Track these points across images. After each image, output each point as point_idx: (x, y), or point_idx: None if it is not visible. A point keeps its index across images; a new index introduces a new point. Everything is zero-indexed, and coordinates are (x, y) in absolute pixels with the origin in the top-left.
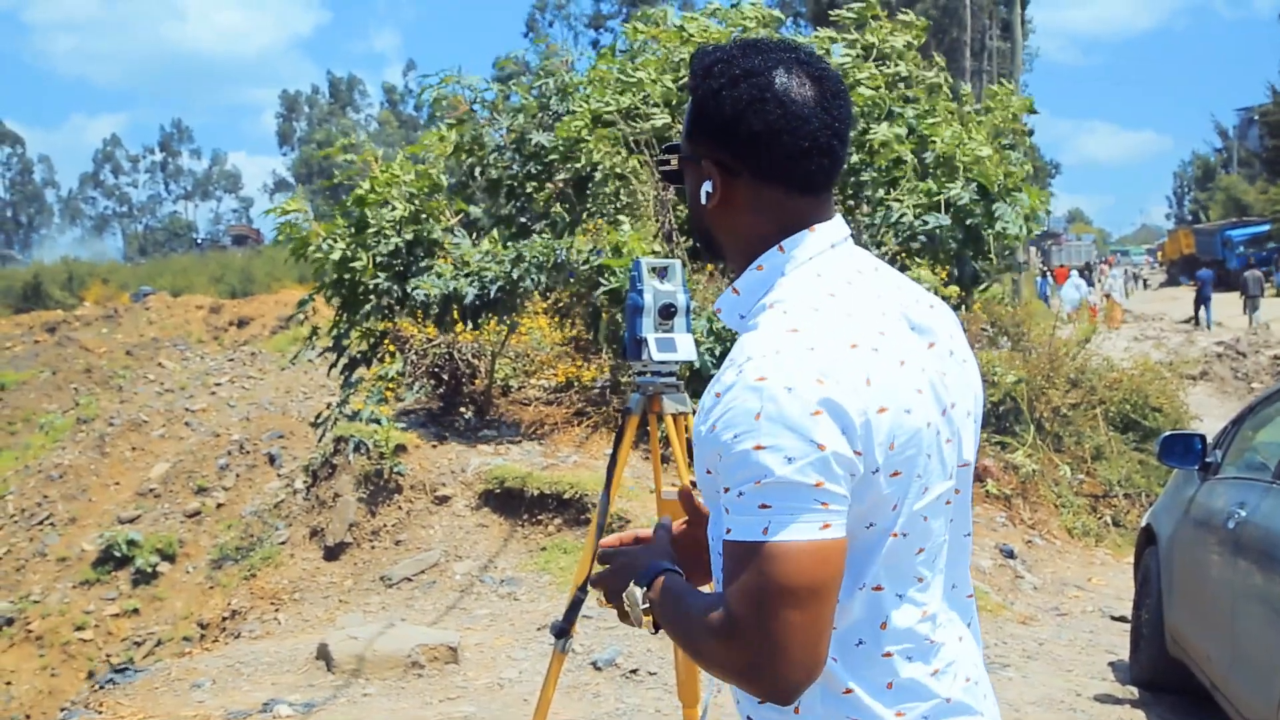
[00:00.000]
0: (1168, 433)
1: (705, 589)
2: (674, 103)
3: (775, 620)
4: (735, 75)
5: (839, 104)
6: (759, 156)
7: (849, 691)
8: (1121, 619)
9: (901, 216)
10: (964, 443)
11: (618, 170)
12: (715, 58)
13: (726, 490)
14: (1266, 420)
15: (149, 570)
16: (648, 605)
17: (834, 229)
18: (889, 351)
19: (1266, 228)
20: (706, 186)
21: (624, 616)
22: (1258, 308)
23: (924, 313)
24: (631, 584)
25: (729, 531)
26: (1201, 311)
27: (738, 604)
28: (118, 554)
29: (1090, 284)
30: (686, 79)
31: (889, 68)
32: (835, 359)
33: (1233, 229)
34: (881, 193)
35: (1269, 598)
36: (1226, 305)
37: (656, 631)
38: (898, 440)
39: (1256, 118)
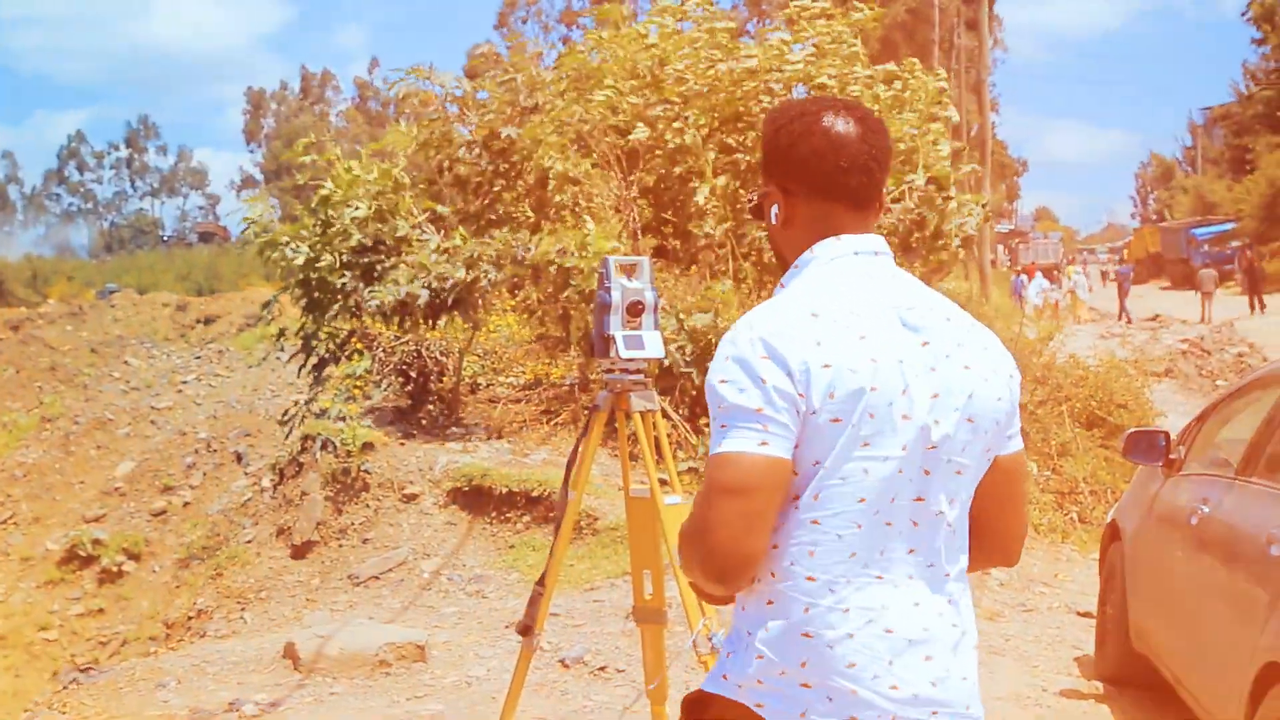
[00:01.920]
0: (1132, 429)
1: None
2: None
3: (712, 509)
4: (793, 116)
5: (876, 137)
6: (809, 174)
7: (770, 604)
8: (1087, 614)
9: None
10: (938, 430)
11: (571, 174)
12: (782, 108)
13: (711, 422)
14: (1230, 417)
15: (114, 569)
16: None
17: (861, 241)
18: (852, 327)
19: (1230, 226)
20: (775, 208)
21: None
22: (1211, 304)
23: (924, 317)
24: None
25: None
26: (1126, 303)
27: (696, 500)
28: (83, 553)
29: (1054, 283)
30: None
31: (841, 64)
32: (792, 321)
33: (1197, 227)
34: None
35: (1231, 593)
36: (1187, 304)
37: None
38: (837, 392)
39: (1219, 117)
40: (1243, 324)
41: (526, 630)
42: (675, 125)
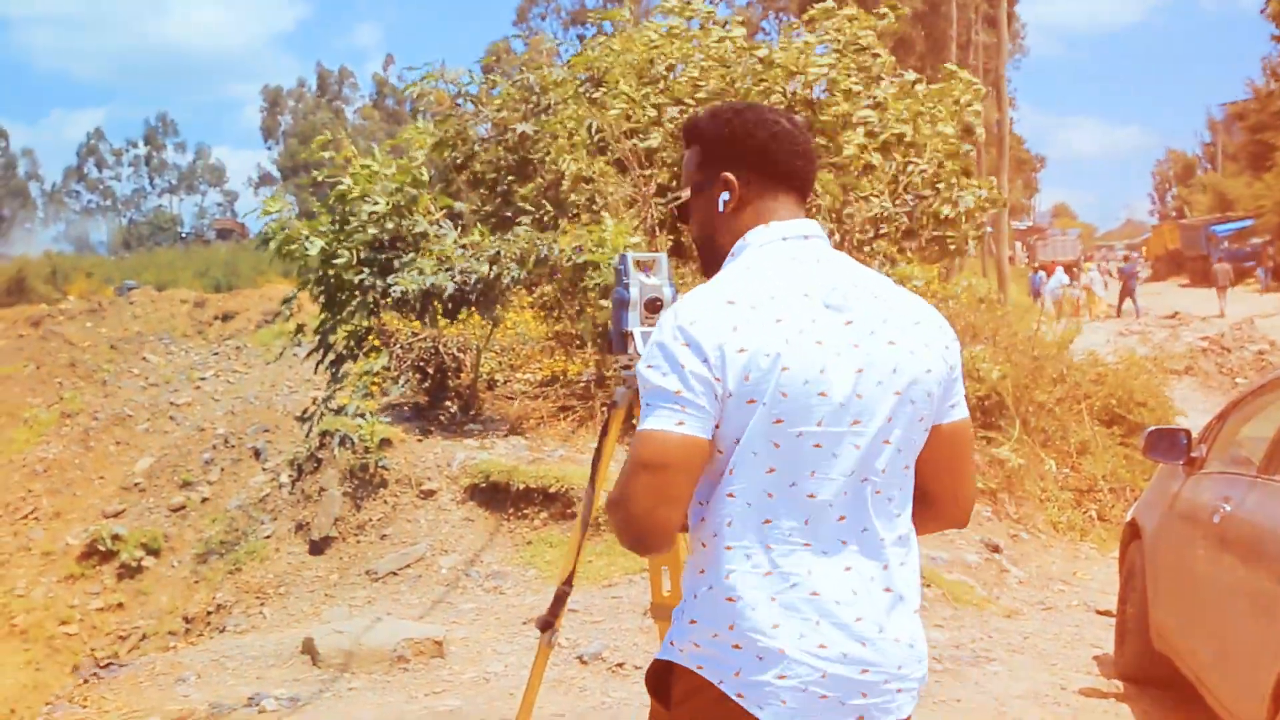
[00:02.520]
0: (1153, 428)
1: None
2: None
3: (630, 481)
4: (736, 110)
5: (804, 131)
6: (765, 159)
7: (702, 572)
8: (1106, 613)
9: (880, 209)
10: (859, 404)
11: (584, 174)
12: (712, 110)
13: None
14: (1252, 415)
15: (134, 564)
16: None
17: (790, 226)
18: (768, 312)
19: (1250, 223)
20: (725, 195)
21: None
22: (1226, 297)
23: (847, 296)
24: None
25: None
26: (1127, 303)
27: (620, 472)
28: (102, 548)
29: (1074, 280)
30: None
31: (863, 59)
32: (708, 309)
33: (1217, 224)
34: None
35: (1254, 592)
36: (1206, 301)
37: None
38: (752, 374)
39: (1238, 114)
40: (1263, 321)
41: (547, 626)
42: None
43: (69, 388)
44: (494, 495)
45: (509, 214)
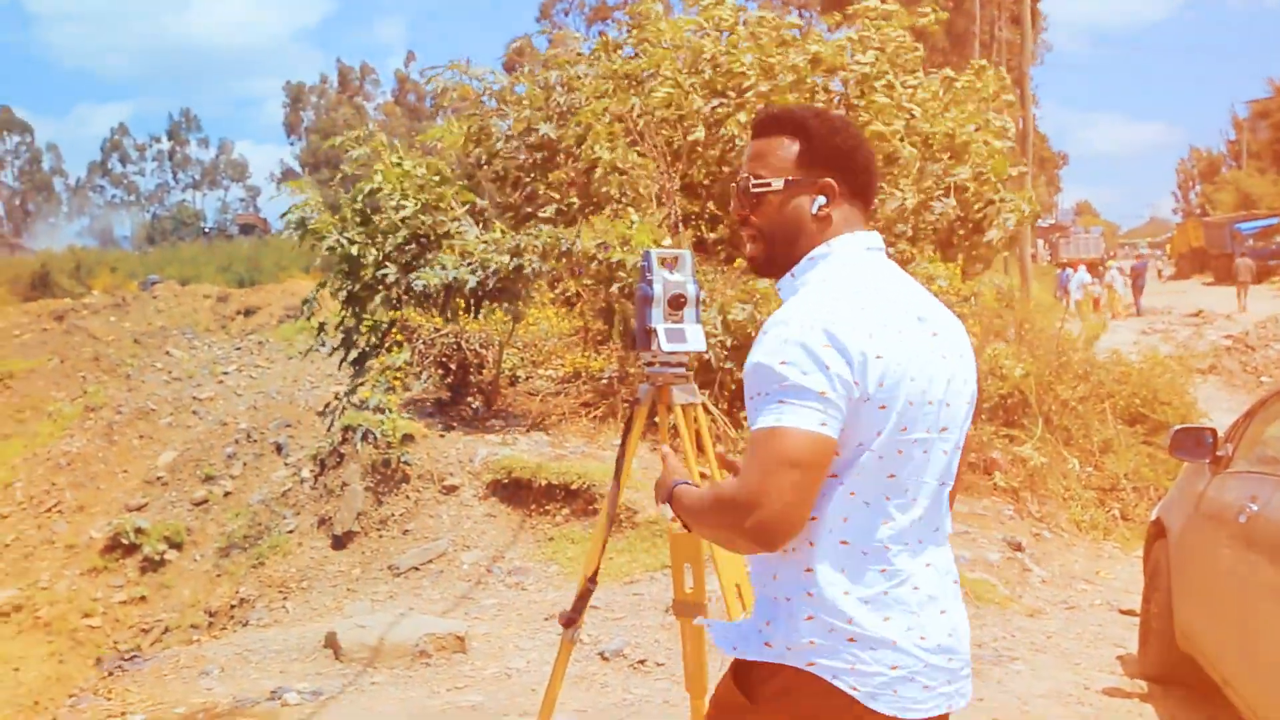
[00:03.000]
0: (1179, 426)
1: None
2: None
3: (772, 476)
4: (834, 125)
5: (868, 145)
6: (858, 177)
7: (810, 570)
8: (1130, 612)
9: (904, 202)
10: (949, 412)
11: (618, 164)
12: (821, 112)
13: (754, 396)
14: (1278, 414)
15: (157, 558)
16: (674, 516)
17: (870, 238)
18: (891, 322)
19: (1275, 220)
20: (821, 200)
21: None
22: (1247, 293)
23: (929, 310)
24: (659, 504)
25: (754, 425)
26: (1141, 299)
27: (748, 469)
28: (125, 541)
29: (1097, 278)
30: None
31: (901, 56)
32: (849, 313)
33: (1241, 222)
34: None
35: None
36: (1230, 299)
37: (690, 530)
38: (886, 381)
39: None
40: None
41: (570, 622)
42: (738, 118)
43: (92, 382)
44: (516, 491)
45: (530, 209)
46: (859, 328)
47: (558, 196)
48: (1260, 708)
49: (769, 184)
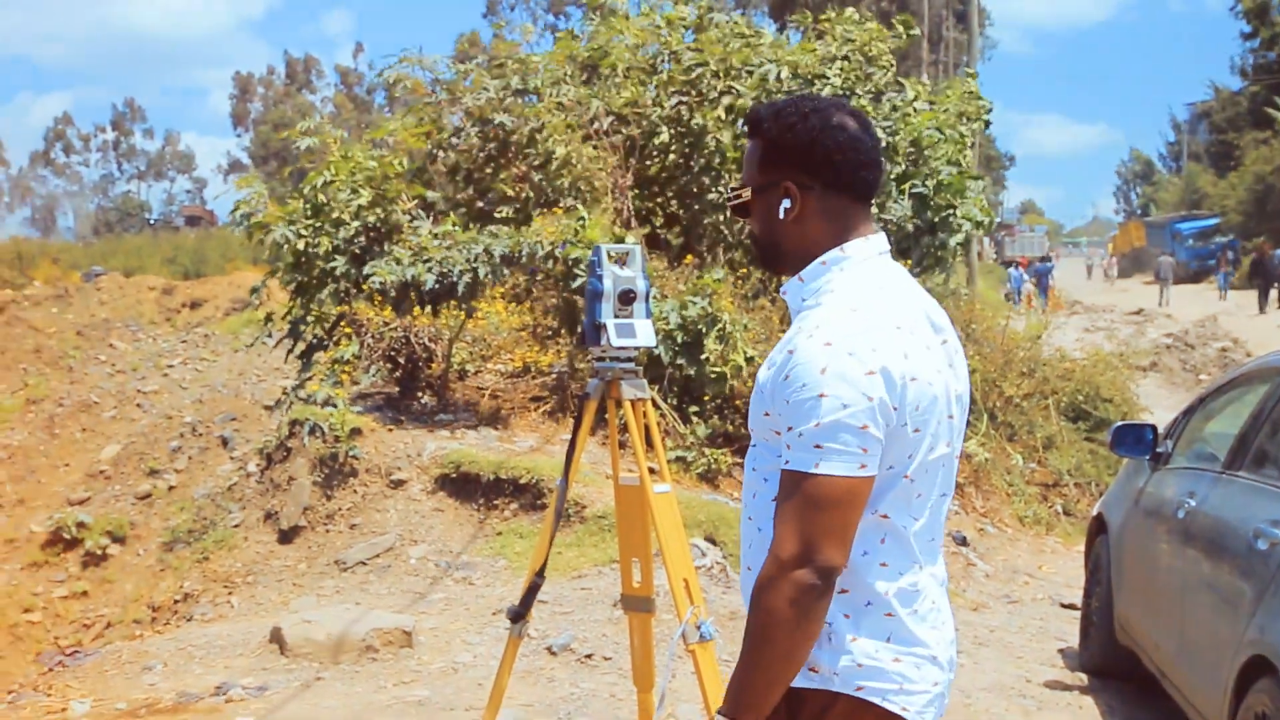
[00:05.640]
0: (1120, 423)
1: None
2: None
3: (812, 523)
4: (804, 112)
5: (873, 132)
6: (832, 170)
7: (845, 592)
8: (1071, 606)
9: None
10: (954, 424)
11: (573, 159)
12: (780, 104)
13: (789, 429)
14: (1216, 412)
15: (99, 552)
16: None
17: (880, 241)
18: (919, 337)
19: (1215, 221)
20: (786, 203)
21: None
22: (1169, 293)
23: (938, 315)
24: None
25: (787, 463)
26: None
27: (785, 519)
28: (67, 535)
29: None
30: (744, 128)
31: (870, 70)
32: (886, 335)
33: (1182, 222)
34: None
35: (1217, 586)
36: (1182, 296)
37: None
38: (921, 404)
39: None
40: (1226, 319)
41: (518, 617)
42: (708, 113)
43: (34, 374)
44: (464, 486)
45: (481, 205)
46: (896, 349)
47: (512, 193)
48: (1196, 700)
49: (739, 194)
